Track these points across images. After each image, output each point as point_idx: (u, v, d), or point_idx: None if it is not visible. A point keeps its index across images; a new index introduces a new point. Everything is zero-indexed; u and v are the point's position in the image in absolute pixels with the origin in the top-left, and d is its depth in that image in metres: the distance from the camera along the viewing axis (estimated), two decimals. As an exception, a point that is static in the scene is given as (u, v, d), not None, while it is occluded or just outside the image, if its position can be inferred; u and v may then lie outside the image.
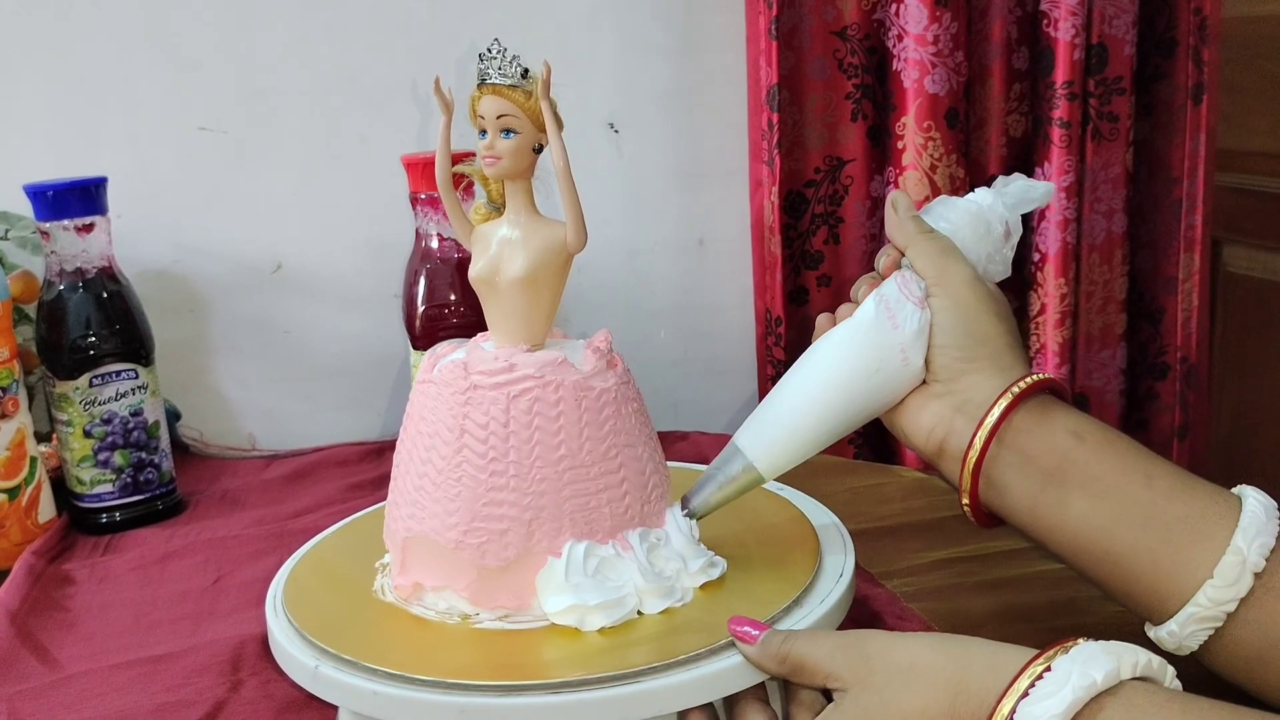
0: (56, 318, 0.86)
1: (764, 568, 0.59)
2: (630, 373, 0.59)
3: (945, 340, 0.58)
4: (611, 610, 0.54)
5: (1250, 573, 0.50)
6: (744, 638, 0.51)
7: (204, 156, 1.05)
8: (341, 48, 1.05)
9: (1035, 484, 0.55)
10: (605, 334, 0.60)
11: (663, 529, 0.58)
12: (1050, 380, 0.57)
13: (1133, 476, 0.54)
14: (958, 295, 0.58)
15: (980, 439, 0.55)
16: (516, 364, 0.56)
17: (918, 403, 0.59)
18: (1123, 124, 1.08)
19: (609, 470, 0.56)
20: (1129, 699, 0.42)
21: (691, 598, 0.56)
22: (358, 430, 1.10)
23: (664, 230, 1.15)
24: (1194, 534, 0.51)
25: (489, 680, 0.50)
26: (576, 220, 0.56)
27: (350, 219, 1.08)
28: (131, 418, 0.88)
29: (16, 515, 0.83)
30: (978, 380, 0.57)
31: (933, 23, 1.01)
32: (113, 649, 0.68)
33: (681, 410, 1.18)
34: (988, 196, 0.61)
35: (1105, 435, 0.56)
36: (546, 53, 1.11)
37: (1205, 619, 0.51)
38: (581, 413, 0.55)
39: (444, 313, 0.92)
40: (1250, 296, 1.40)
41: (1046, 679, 0.42)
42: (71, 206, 0.85)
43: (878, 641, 0.48)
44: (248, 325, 1.08)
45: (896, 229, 0.61)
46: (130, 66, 1.02)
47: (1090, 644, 0.43)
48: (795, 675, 0.50)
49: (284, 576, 0.62)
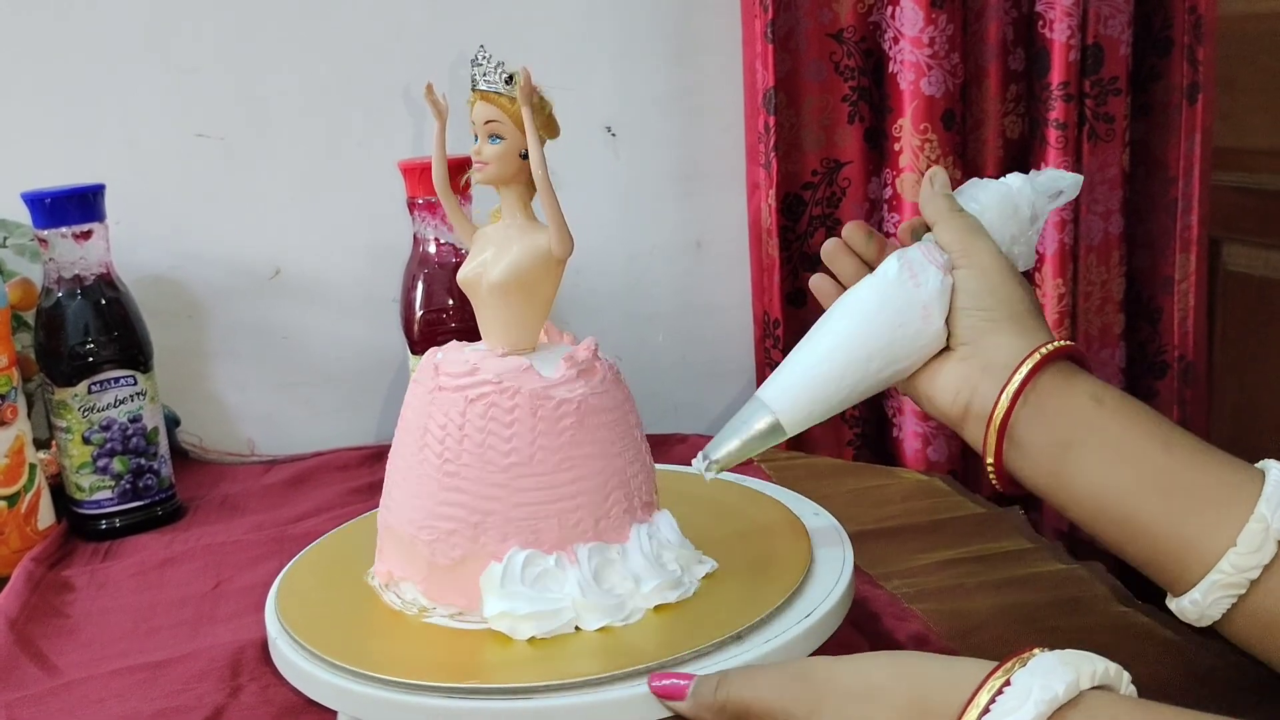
0: (55, 325, 0.86)
1: (743, 580, 0.58)
2: (618, 381, 0.59)
3: (968, 303, 0.58)
4: (543, 621, 0.53)
5: (1274, 540, 0.50)
6: (672, 693, 0.48)
7: (201, 163, 1.05)
8: (338, 53, 1.06)
9: (1056, 447, 0.55)
10: (589, 342, 0.59)
11: (624, 544, 0.57)
12: (1073, 346, 0.57)
13: (1152, 442, 0.54)
14: (982, 264, 0.58)
15: (1006, 399, 0.55)
16: (480, 368, 0.56)
17: (942, 367, 0.59)
18: (1119, 124, 1.08)
19: (561, 482, 0.55)
20: (1091, 709, 0.41)
21: (642, 617, 0.54)
22: (357, 435, 1.10)
23: (662, 233, 1.15)
24: (1215, 501, 0.51)
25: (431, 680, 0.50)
26: (558, 226, 0.57)
27: (348, 224, 1.08)
28: (130, 424, 0.88)
29: (16, 522, 0.83)
30: (1001, 341, 0.57)
31: (928, 25, 1.01)
32: (112, 655, 0.68)
33: (680, 413, 1.18)
34: (1019, 180, 0.62)
35: (1125, 401, 0.56)
36: (543, 57, 1.12)
37: (1229, 586, 0.51)
38: (536, 421, 0.55)
39: (442, 317, 0.92)
40: (1251, 295, 1.40)
41: (1007, 694, 0.41)
42: (69, 214, 0.85)
43: (823, 669, 0.46)
44: (246, 331, 1.09)
45: (928, 202, 0.61)
46: (127, 73, 1.02)
47: (1047, 655, 0.43)
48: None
49: (281, 581, 0.62)
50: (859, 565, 0.75)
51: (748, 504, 0.67)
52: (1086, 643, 0.63)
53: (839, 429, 1.15)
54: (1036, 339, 0.57)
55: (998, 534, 0.80)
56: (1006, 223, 0.61)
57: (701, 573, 0.58)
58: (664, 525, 0.59)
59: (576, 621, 0.54)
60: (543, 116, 0.56)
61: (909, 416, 1.10)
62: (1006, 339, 0.57)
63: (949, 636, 0.65)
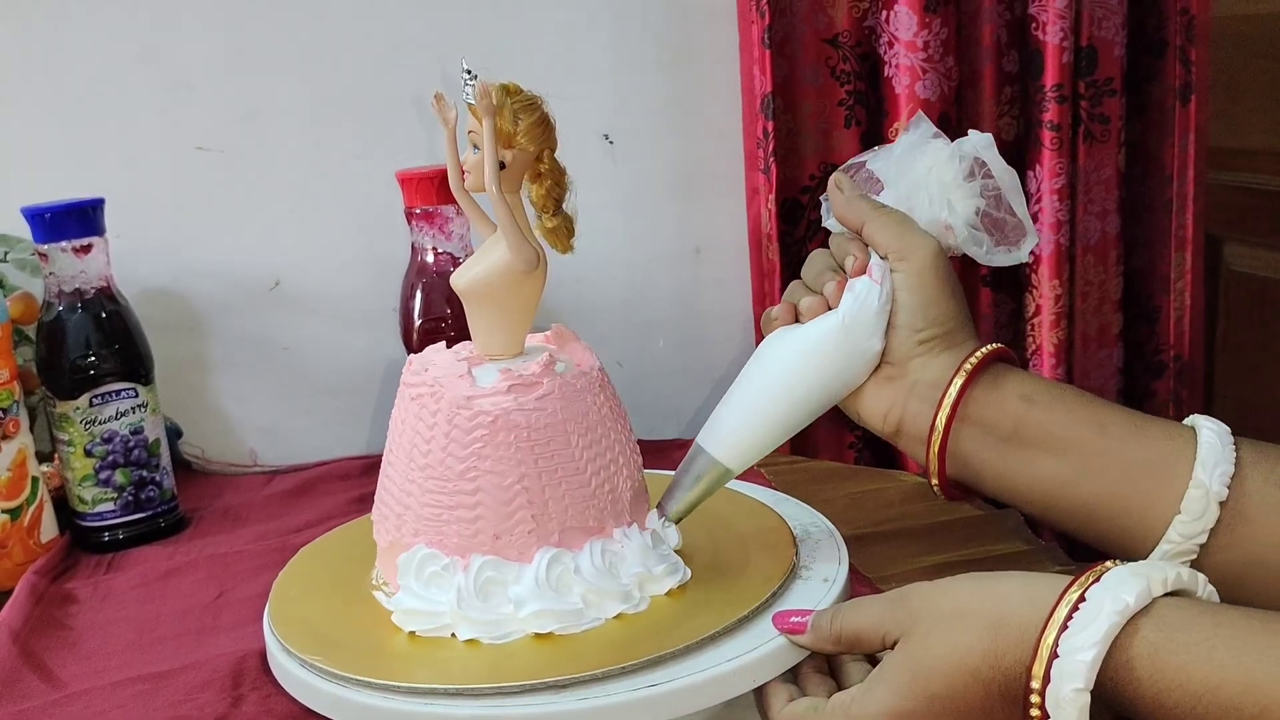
0: (56, 338, 0.87)
1: (706, 590, 0.58)
2: (573, 399, 0.57)
3: (902, 321, 0.59)
4: (422, 620, 0.55)
5: (1215, 503, 0.51)
6: (795, 629, 0.52)
7: (201, 176, 1.05)
8: (335, 66, 1.06)
9: (997, 452, 0.57)
10: (543, 358, 0.58)
11: (522, 565, 0.56)
12: (999, 349, 0.58)
13: (1086, 428, 0.55)
14: (921, 272, 0.58)
15: (942, 420, 0.57)
16: (431, 369, 0.58)
17: (870, 388, 0.60)
18: (1114, 125, 1.08)
19: (463, 490, 0.56)
20: (1161, 616, 0.43)
21: (516, 639, 0.54)
22: (358, 444, 1.11)
23: (661, 240, 1.16)
24: (1155, 474, 0.53)
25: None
26: (510, 238, 0.57)
27: (347, 235, 1.09)
28: (132, 436, 0.89)
29: (19, 535, 0.84)
30: (927, 361, 0.59)
31: (922, 29, 1.02)
32: (115, 666, 0.68)
33: (682, 418, 1.18)
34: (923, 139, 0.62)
35: (1055, 392, 0.57)
36: (540, 67, 1.13)
37: (1179, 554, 0.52)
38: (450, 428, 0.56)
39: (440, 326, 0.93)
40: (1253, 294, 1.40)
41: (1082, 609, 0.43)
42: (69, 228, 0.86)
43: (919, 592, 0.50)
44: (247, 342, 1.09)
45: (848, 208, 0.61)
46: (126, 87, 1.03)
47: (1121, 568, 0.45)
48: (854, 647, 0.51)
49: (275, 589, 0.63)
50: (858, 568, 0.75)
51: (738, 511, 0.67)
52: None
53: (841, 432, 1.15)
54: (962, 351, 0.58)
55: (995, 536, 0.80)
56: (931, 205, 0.60)
57: (659, 589, 0.57)
58: (625, 544, 0.58)
59: (452, 629, 0.55)
60: (513, 127, 0.56)
61: (909, 419, 1.11)
62: (931, 358, 0.58)
63: (947, 639, 0.65)
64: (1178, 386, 1.15)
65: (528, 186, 0.59)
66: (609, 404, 0.60)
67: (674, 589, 0.58)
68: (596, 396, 0.59)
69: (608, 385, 0.61)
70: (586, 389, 0.58)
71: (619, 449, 0.59)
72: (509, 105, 0.56)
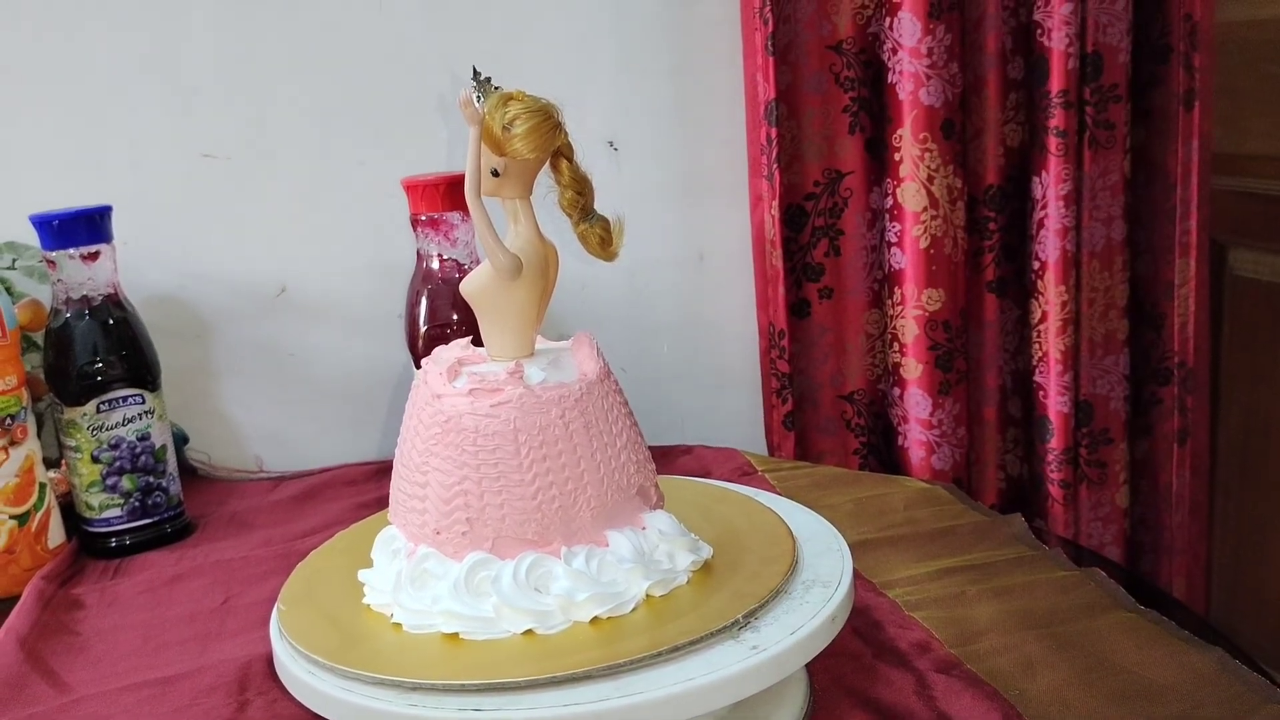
0: (63, 345, 0.87)
1: (707, 591, 0.57)
2: (540, 410, 0.56)
3: None
4: (373, 594, 0.59)
5: None
6: None
7: (207, 183, 1.06)
8: (341, 73, 1.07)
9: None
10: (511, 365, 0.58)
11: (454, 562, 0.56)
12: None
13: None
14: None
15: None
16: (434, 363, 0.60)
17: None
18: (1119, 131, 1.08)
19: (416, 481, 0.58)
20: None
21: (433, 633, 0.55)
22: (364, 450, 1.11)
23: (665, 246, 1.16)
24: None
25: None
26: (486, 245, 0.57)
27: (352, 242, 1.09)
28: (139, 442, 0.89)
29: (26, 541, 0.84)
30: None
31: (926, 35, 1.02)
32: (122, 671, 0.68)
33: (686, 424, 1.19)
34: None
35: None
36: (545, 73, 1.13)
37: None
38: (416, 422, 0.59)
39: (446, 333, 0.93)
40: (1258, 299, 1.39)
41: None
42: (77, 235, 0.86)
43: None
44: (253, 349, 1.09)
45: None
46: (133, 95, 1.04)
47: None
48: None
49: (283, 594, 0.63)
50: (862, 574, 0.75)
51: (741, 515, 0.67)
52: (1089, 649, 0.64)
53: (845, 438, 1.16)
54: None
55: (999, 541, 0.80)
56: None
57: (581, 616, 0.55)
58: (557, 565, 0.56)
59: (390, 610, 0.57)
60: (503, 134, 0.56)
61: (914, 425, 1.11)
62: None
63: (951, 644, 0.65)
64: (1182, 394, 1.15)
65: (556, 193, 0.59)
66: (592, 420, 0.57)
67: (655, 597, 0.56)
68: (570, 412, 0.57)
69: (601, 400, 0.58)
70: (557, 403, 0.57)
71: (586, 466, 0.57)
72: (501, 113, 0.56)
